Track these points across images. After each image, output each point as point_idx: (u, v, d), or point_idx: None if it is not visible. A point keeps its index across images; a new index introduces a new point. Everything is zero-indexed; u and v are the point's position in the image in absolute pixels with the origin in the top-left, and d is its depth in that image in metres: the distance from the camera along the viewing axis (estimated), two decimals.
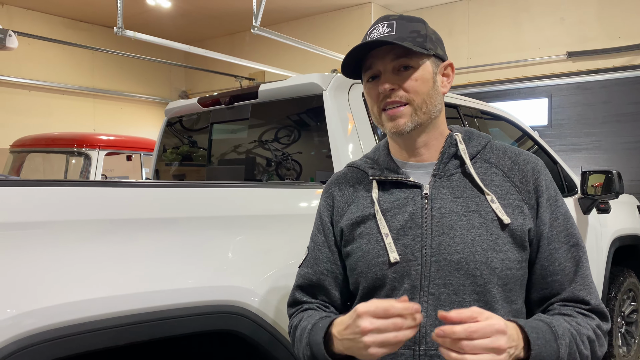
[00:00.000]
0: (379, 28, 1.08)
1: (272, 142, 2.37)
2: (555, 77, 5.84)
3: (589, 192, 3.15)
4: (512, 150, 1.15)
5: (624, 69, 5.43)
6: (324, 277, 1.16)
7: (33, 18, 7.36)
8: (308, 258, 1.20)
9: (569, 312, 1.04)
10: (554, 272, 1.07)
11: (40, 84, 7.35)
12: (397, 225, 1.07)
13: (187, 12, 7.39)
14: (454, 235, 1.03)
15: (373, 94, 1.10)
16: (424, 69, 1.07)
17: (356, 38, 7.00)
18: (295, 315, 1.18)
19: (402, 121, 1.06)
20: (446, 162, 1.11)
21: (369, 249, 1.08)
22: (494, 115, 3.01)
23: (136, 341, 1.22)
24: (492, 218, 1.04)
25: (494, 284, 1.02)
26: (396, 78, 1.06)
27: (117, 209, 1.31)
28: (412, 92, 1.06)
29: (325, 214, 1.19)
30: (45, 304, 1.11)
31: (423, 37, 1.07)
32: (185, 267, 1.39)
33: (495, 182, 1.09)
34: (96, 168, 4.50)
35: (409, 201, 1.09)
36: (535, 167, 1.11)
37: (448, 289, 1.02)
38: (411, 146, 1.12)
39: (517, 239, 1.04)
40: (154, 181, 2.67)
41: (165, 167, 3.00)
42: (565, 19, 5.82)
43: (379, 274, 1.06)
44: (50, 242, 1.17)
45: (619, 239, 3.54)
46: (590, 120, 5.61)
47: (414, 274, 1.04)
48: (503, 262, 1.02)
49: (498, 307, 1.03)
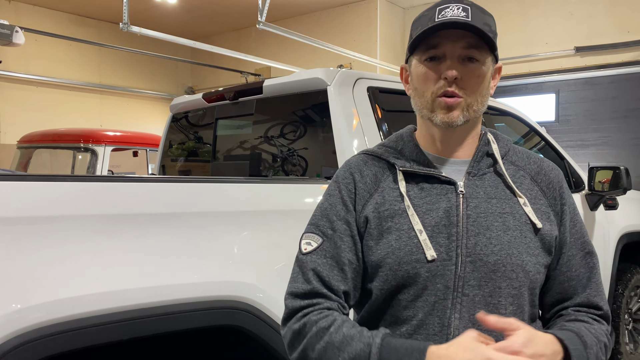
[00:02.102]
0: (453, 9, 0.99)
1: (277, 137, 2.36)
2: (563, 72, 5.80)
3: (596, 188, 3.12)
4: (535, 155, 1.14)
5: (633, 64, 5.38)
6: (346, 269, 1.04)
7: (40, 14, 7.39)
8: (324, 247, 1.05)
9: (585, 318, 1.05)
10: (570, 277, 1.08)
11: (47, 80, 7.38)
12: (431, 222, 1.01)
13: (193, 7, 7.39)
14: (491, 236, 1.00)
15: (432, 75, 1.01)
16: (486, 67, 1.03)
17: (363, 34, 6.98)
18: (316, 312, 1.01)
19: (456, 113, 1.01)
20: (480, 160, 1.07)
21: (400, 246, 1.01)
22: (500, 111, 2.99)
23: (139, 336, 1.22)
24: (526, 221, 1.03)
25: (526, 287, 1.01)
26: (461, 68, 1.00)
27: (122, 204, 1.31)
28: (471, 87, 1.01)
29: (348, 200, 1.07)
30: (49, 298, 1.11)
31: (493, 33, 1.02)
32: (190, 263, 1.39)
33: (524, 185, 1.07)
34: (102, 164, 4.52)
35: (442, 198, 1.03)
36: (559, 174, 1.12)
37: (483, 290, 0.99)
38: (450, 140, 1.07)
39: (546, 244, 1.04)
40: (158, 176, 2.68)
41: (171, 163, 3.00)
42: (573, 14, 5.77)
43: (411, 272, 0.99)
44: (55, 237, 1.17)
45: (626, 236, 3.51)
46: (599, 115, 5.57)
47: (448, 274, 0.99)
48: (535, 266, 1.02)
49: (527, 310, 1.03)
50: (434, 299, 0.99)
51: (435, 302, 0.99)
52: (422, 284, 1.00)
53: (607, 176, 3.13)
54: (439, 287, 0.99)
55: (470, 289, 0.99)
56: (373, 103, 2.07)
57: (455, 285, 0.99)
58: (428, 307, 0.99)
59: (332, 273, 1.03)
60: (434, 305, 0.99)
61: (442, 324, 0.98)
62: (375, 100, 2.07)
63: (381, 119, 2.06)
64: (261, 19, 4.47)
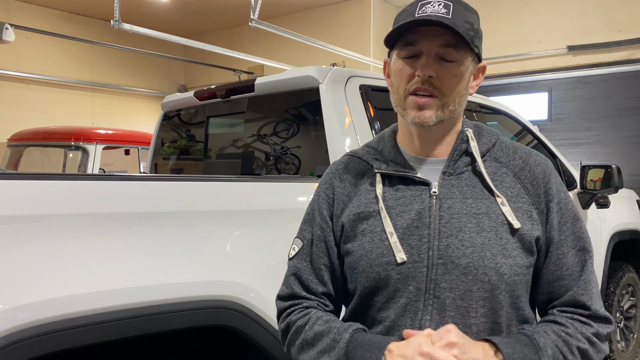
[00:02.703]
0: (435, 5, 0.97)
1: (269, 135, 2.35)
2: (556, 71, 5.82)
3: (588, 187, 3.14)
4: (523, 149, 1.09)
5: (625, 62, 5.40)
6: (322, 272, 1.09)
7: (30, 11, 7.32)
8: (303, 250, 1.11)
9: (562, 321, 1.00)
10: (561, 276, 1.03)
11: (38, 77, 7.32)
12: (403, 224, 1.01)
13: (185, 5, 7.35)
14: (463, 238, 0.98)
15: (406, 72, 1.00)
16: (465, 66, 1.00)
17: (356, 32, 6.97)
18: (296, 312, 1.08)
19: (428, 113, 0.99)
20: (457, 159, 1.05)
21: (372, 248, 1.02)
22: (493, 110, 2.99)
23: (129, 336, 1.21)
24: (502, 222, 0.99)
25: (502, 290, 0.98)
26: (437, 66, 0.98)
27: (111, 202, 1.30)
28: (447, 86, 0.99)
29: (325, 207, 1.10)
30: (37, 298, 1.10)
31: (475, 31, 1.00)
32: (181, 262, 1.37)
33: (505, 184, 1.03)
34: (94, 162, 4.49)
35: (416, 199, 1.02)
36: (546, 169, 1.06)
37: (454, 293, 0.97)
38: (425, 139, 1.06)
39: (526, 244, 1.00)
40: (148, 175, 2.66)
41: (163, 161, 2.98)
42: (566, 13, 5.79)
43: (382, 275, 1.00)
44: (44, 237, 1.16)
45: (618, 234, 3.53)
46: (591, 114, 5.59)
47: (420, 276, 0.98)
48: (512, 268, 0.98)
49: (503, 313, 0.99)
50: (405, 300, 0.99)
51: (407, 304, 0.99)
52: (393, 286, 1.00)
53: (599, 175, 3.14)
54: (411, 289, 0.99)
55: (442, 291, 0.98)
56: (365, 101, 2.06)
57: (426, 287, 0.98)
58: (400, 309, 1.00)
59: (310, 276, 1.09)
60: (406, 307, 0.99)
61: (413, 326, 0.98)
62: (368, 99, 2.06)
63: (373, 117, 2.05)
64: (254, 17, 4.45)
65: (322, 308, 1.09)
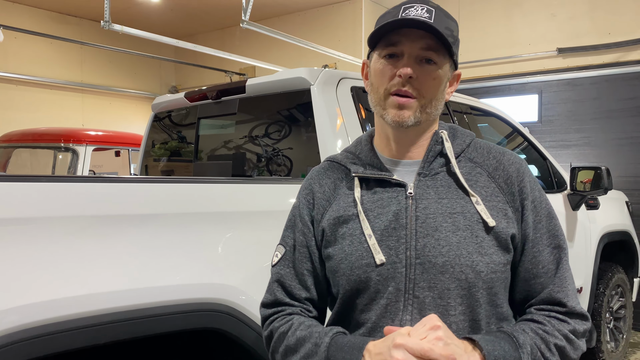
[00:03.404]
0: (418, 9, 1.00)
1: (260, 137, 2.34)
2: (546, 73, 5.85)
3: (578, 188, 3.15)
4: (497, 149, 1.11)
5: (614, 65, 5.44)
6: (305, 278, 1.10)
7: (19, 11, 7.26)
8: (286, 257, 1.13)
9: (540, 319, 1.02)
10: (537, 274, 1.05)
11: (27, 78, 7.26)
12: (381, 225, 1.03)
13: (176, 6, 7.32)
14: (439, 237, 1.00)
15: (387, 72, 1.02)
16: (443, 71, 1.03)
17: (347, 33, 6.97)
18: (279, 319, 1.10)
19: (407, 113, 1.01)
20: (431, 160, 1.07)
21: (352, 251, 1.03)
22: (483, 111, 3.00)
23: (117, 340, 1.20)
24: (477, 220, 1.01)
25: (479, 287, 0.99)
26: (417, 68, 1.00)
27: (100, 205, 1.29)
28: (426, 88, 1.01)
29: (305, 212, 1.13)
30: (23, 302, 1.09)
31: (454, 38, 1.03)
32: (170, 264, 1.36)
33: (480, 183, 1.06)
34: (84, 164, 4.45)
35: (392, 200, 1.04)
36: (520, 167, 1.09)
37: (433, 292, 0.99)
38: (402, 141, 1.08)
39: (502, 242, 1.02)
40: (137, 177, 2.64)
41: (154, 163, 2.96)
42: (556, 15, 5.83)
43: (363, 277, 1.02)
44: (33, 239, 1.14)
45: (607, 235, 3.56)
46: (580, 116, 5.62)
47: (399, 277, 1.00)
48: (488, 266, 0.99)
49: (481, 310, 1.01)
50: (386, 301, 1.01)
51: (387, 305, 1.01)
52: (374, 287, 1.02)
53: (589, 176, 3.16)
54: (391, 289, 1.00)
55: (421, 290, 0.99)
56: (357, 103, 2.06)
57: (406, 288, 1.00)
58: (381, 310, 1.01)
59: (293, 282, 1.11)
60: (387, 308, 1.01)
61: (394, 326, 0.99)
62: (359, 100, 2.06)
63: (365, 119, 2.05)
64: (245, 18, 4.44)
65: (306, 314, 1.10)
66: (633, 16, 5.33)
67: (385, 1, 6.85)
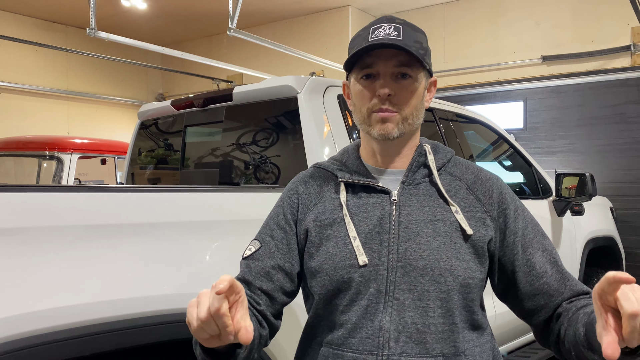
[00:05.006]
0: (386, 28, 1.06)
1: (247, 145, 2.34)
2: (531, 80, 5.92)
3: (563, 194, 3.19)
4: (474, 166, 1.19)
5: (597, 72, 5.53)
6: (274, 272, 1.10)
7: (4, 18, 7.20)
8: (260, 252, 1.12)
9: (585, 302, 1.04)
10: (538, 275, 1.09)
11: (12, 86, 7.19)
12: (365, 229, 1.07)
13: (163, 13, 7.31)
14: (420, 241, 1.05)
15: (367, 93, 1.08)
16: (419, 82, 1.09)
17: (334, 41, 7.01)
18: None
19: (391, 126, 1.07)
20: (415, 170, 1.13)
21: (336, 252, 1.07)
22: (469, 119, 3.02)
23: (103, 351, 1.18)
24: (456, 228, 1.07)
25: (456, 291, 1.04)
26: (394, 85, 1.07)
27: (86, 215, 1.27)
28: (405, 102, 1.07)
29: (289, 211, 1.15)
30: (4, 314, 1.07)
31: (425, 50, 1.09)
32: (156, 275, 1.35)
33: (459, 195, 1.12)
34: (69, 172, 4.41)
35: (377, 206, 1.09)
36: (497, 182, 1.16)
37: (413, 294, 1.03)
38: (387, 153, 1.13)
39: (478, 250, 1.07)
40: (123, 186, 2.62)
41: (140, 171, 2.94)
42: (540, 24, 5.91)
43: (345, 277, 1.05)
44: (12, 251, 1.13)
45: (592, 241, 3.59)
46: (565, 123, 5.70)
47: (380, 279, 1.04)
48: (465, 271, 1.04)
49: (458, 314, 1.05)
50: (366, 302, 1.04)
51: (367, 306, 1.04)
52: (355, 288, 1.05)
53: (574, 182, 3.20)
54: (372, 291, 1.04)
55: (401, 292, 1.03)
56: (344, 111, 2.07)
57: (386, 289, 1.03)
58: (361, 311, 1.04)
59: (257, 276, 1.09)
60: (367, 309, 1.04)
61: (374, 327, 1.02)
62: (346, 108, 2.07)
63: (352, 126, 2.05)
64: (232, 26, 4.44)
65: (253, 304, 1.06)
66: (615, 25, 5.43)
67: (373, 9, 6.90)
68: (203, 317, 0.78)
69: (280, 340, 1.42)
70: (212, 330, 0.80)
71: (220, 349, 0.91)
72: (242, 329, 0.80)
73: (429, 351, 1.01)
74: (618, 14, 5.36)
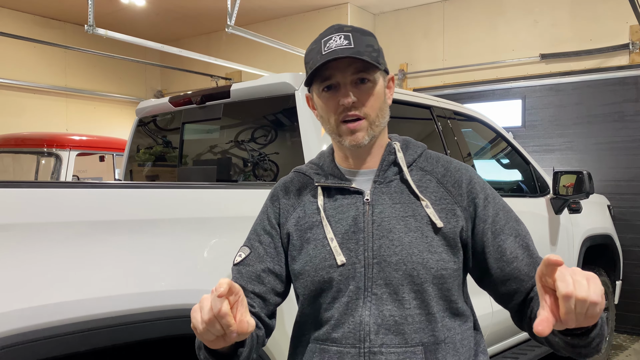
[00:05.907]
0: (336, 39, 1.10)
1: (245, 142, 2.34)
2: (529, 78, 5.92)
3: (560, 192, 3.19)
4: (445, 158, 1.22)
5: (595, 71, 5.53)
6: (265, 275, 1.16)
7: (2, 15, 7.18)
8: (250, 257, 1.18)
9: None
10: (508, 261, 1.11)
11: (10, 82, 7.17)
12: (342, 230, 1.12)
13: (161, 10, 7.29)
14: (393, 238, 1.09)
15: (332, 104, 1.12)
16: (379, 84, 1.13)
17: None
18: None
19: (361, 135, 1.11)
20: (385, 169, 1.17)
21: (316, 254, 1.12)
22: (467, 116, 3.03)
23: (98, 347, 1.19)
24: (427, 222, 1.11)
25: (430, 282, 1.08)
26: (355, 91, 1.10)
27: (82, 211, 1.28)
28: (369, 106, 1.11)
29: (272, 215, 1.21)
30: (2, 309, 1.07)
31: (377, 51, 1.13)
32: (153, 270, 1.36)
33: (430, 189, 1.15)
34: (67, 169, 4.41)
35: (352, 207, 1.14)
36: (466, 172, 1.19)
37: (389, 288, 1.08)
38: (357, 155, 1.17)
39: (450, 241, 1.11)
40: (119, 182, 2.62)
41: (138, 168, 2.94)
42: (538, 22, 5.91)
43: (326, 277, 1.10)
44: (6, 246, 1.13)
45: (590, 238, 3.60)
46: (563, 121, 5.70)
47: (359, 276, 1.09)
48: (438, 263, 1.09)
49: (434, 304, 1.09)
50: (347, 299, 1.09)
51: (348, 302, 1.09)
52: (336, 286, 1.11)
53: (571, 180, 3.20)
54: (351, 288, 1.09)
55: (378, 287, 1.08)
56: None
57: (365, 286, 1.09)
58: (343, 307, 1.10)
59: (250, 281, 1.15)
60: (348, 305, 1.09)
61: (355, 322, 1.08)
62: None
63: None
64: (230, 23, 4.44)
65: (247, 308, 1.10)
66: (614, 23, 5.43)
67: (371, 7, 6.90)
68: (207, 319, 0.84)
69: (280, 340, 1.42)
70: (216, 331, 0.85)
71: (224, 350, 0.98)
72: (244, 322, 0.85)
73: (407, 341, 1.06)
74: (616, 13, 5.36)
